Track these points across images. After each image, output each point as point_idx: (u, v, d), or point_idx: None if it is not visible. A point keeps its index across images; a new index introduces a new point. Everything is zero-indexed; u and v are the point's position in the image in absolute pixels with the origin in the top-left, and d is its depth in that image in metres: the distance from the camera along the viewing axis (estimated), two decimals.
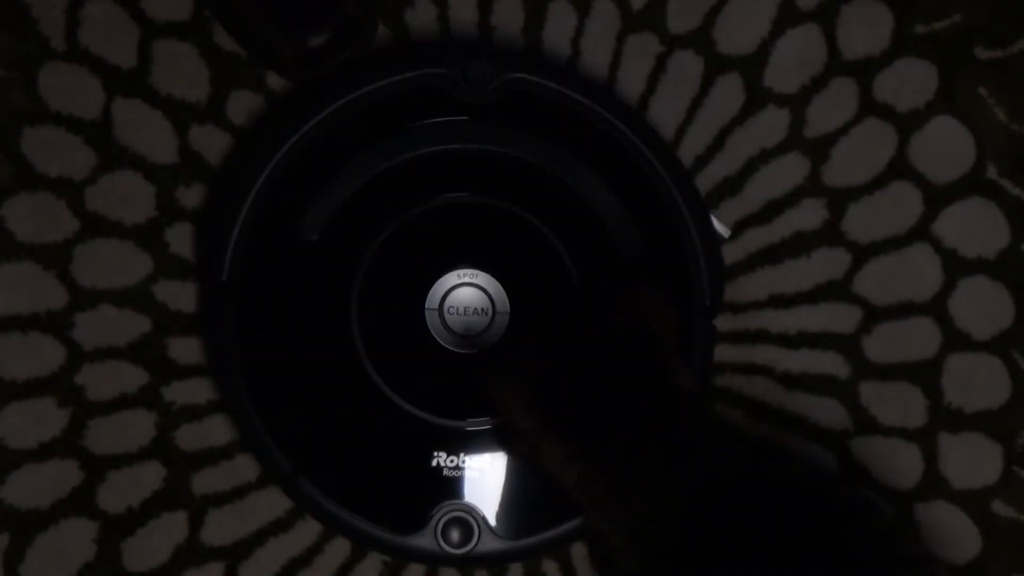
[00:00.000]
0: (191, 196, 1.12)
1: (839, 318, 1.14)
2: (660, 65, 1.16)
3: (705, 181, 1.15)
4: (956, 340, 1.14)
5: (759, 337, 1.14)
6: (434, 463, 1.03)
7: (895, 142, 1.16)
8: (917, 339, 1.14)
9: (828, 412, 1.13)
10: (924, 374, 1.14)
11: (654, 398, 0.90)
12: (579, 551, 1.11)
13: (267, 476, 1.08)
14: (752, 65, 1.16)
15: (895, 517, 0.86)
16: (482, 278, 1.05)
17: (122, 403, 1.10)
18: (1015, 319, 1.15)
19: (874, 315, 1.14)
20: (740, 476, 0.85)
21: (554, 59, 1.16)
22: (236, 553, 1.10)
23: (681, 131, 1.16)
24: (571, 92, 1.07)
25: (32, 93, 1.12)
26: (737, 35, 1.16)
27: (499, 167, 1.06)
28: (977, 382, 1.14)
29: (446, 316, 1.04)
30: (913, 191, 1.16)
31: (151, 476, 1.10)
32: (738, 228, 1.15)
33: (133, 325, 1.11)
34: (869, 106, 1.16)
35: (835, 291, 1.15)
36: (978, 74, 1.16)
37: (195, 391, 1.11)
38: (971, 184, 1.16)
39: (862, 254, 1.15)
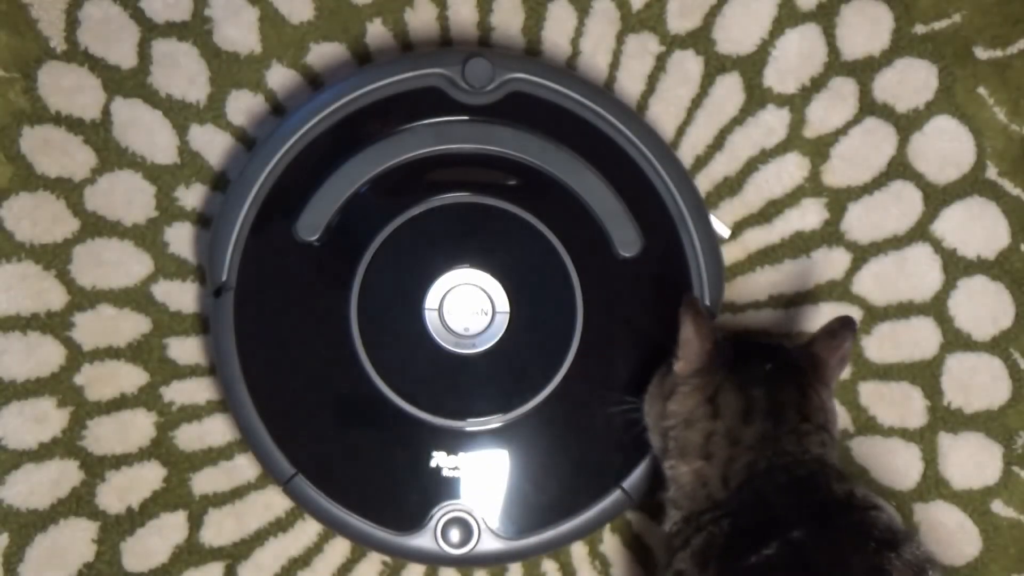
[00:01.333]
0: (191, 196, 1.13)
1: None
2: (660, 65, 1.16)
3: (705, 181, 1.15)
4: (956, 340, 1.14)
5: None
6: (434, 463, 1.03)
7: (895, 142, 1.16)
8: (917, 339, 1.14)
9: None
10: (924, 374, 1.14)
11: (799, 416, 0.96)
12: (579, 551, 1.11)
13: (266, 476, 1.08)
14: (752, 65, 1.16)
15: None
16: (482, 278, 1.05)
17: (122, 403, 1.10)
18: (1015, 319, 1.15)
19: (874, 315, 1.14)
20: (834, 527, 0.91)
21: (553, 59, 1.16)
22: (236, 553, 1.10)
23: (681, 131, 1.16)
24: (570, 92, 1.07)
25: (32, 93, 1.12)
26: (737, 35, 1.16)
27: (498, 167, 1.06)
28: (977, 382, 1.14)
29: (446, 316, 1.04)
30: (913, 191, 1.16)
31: (151, 476, 1.10)
32: (738, 228, 1.15)
33: (133, 325, 1.11)
34: (869, 106, 1.16)
35: (835, 291, 1.15)
36: (978, 74, 1.16)
37: (195, 391, 1.11)
38: (971, 184, 1.16)
39: (862, 254, 1.15)
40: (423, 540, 1.03)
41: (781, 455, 0.94)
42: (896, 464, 1.13)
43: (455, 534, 1.03)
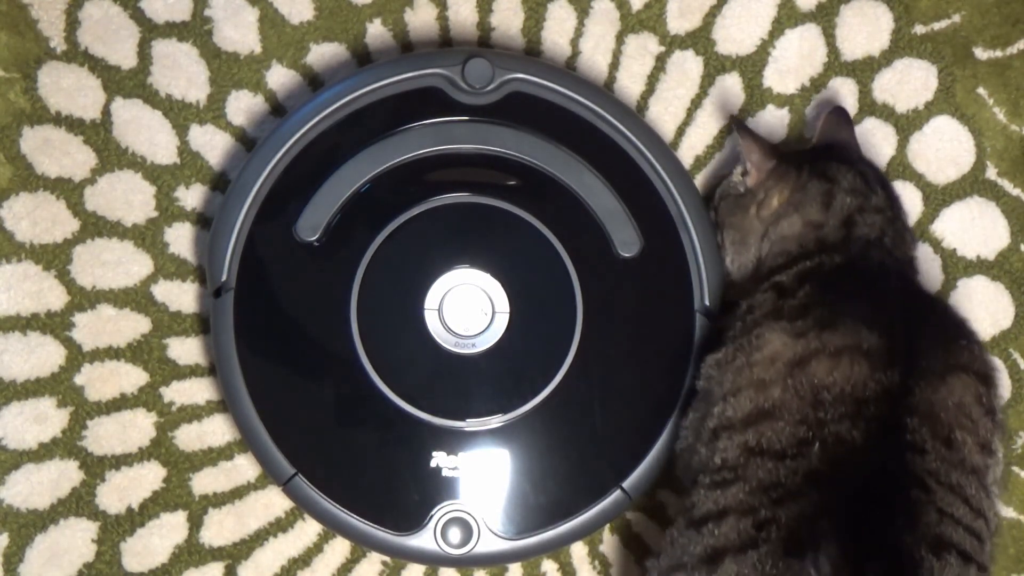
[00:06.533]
0: (191, 196, 1.13)
1: None
2: (660, 65, 1.16)
3: (705, 181, 1.15)
4: None
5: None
6: (434, 464, 1.03)
7: (895, 142, 1.16)
8: None
9: None
10: None
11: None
12: (579, 551, 1.11)
13: (266, 476, 1.08)
14: (752, 65, 1.16)
15: None
16: (482, 278, 1.05)
17: (122, 403, 1.10)
18: (1015, 319, 1.15)
19: None
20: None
21: (553, 59, 1.16)
22: (236, 553, 1.10)
23: (681, 131, 1.16)
24: (570, 92, 1.07)
25: (32, 93, 1.12)
26: (737, 35, 1.16)
27: (498, 167, 1.06)
28: None
29: (446, 316, 1.04)
30: (913, 191, 1.16)
31: (151, 476, 1.10)
32: None
33: (133, 325, 1.11)
34: (869, 106, 1.16)
35: None
36: (978, 74, 1.16)
37: (195, 391, 1.11)
38: (971, 184, 1.16)
39: None
40: (423, 540, 1.03)
41: (897, 239, 1.02)
42: None
43: (455, 534, 1.03)
